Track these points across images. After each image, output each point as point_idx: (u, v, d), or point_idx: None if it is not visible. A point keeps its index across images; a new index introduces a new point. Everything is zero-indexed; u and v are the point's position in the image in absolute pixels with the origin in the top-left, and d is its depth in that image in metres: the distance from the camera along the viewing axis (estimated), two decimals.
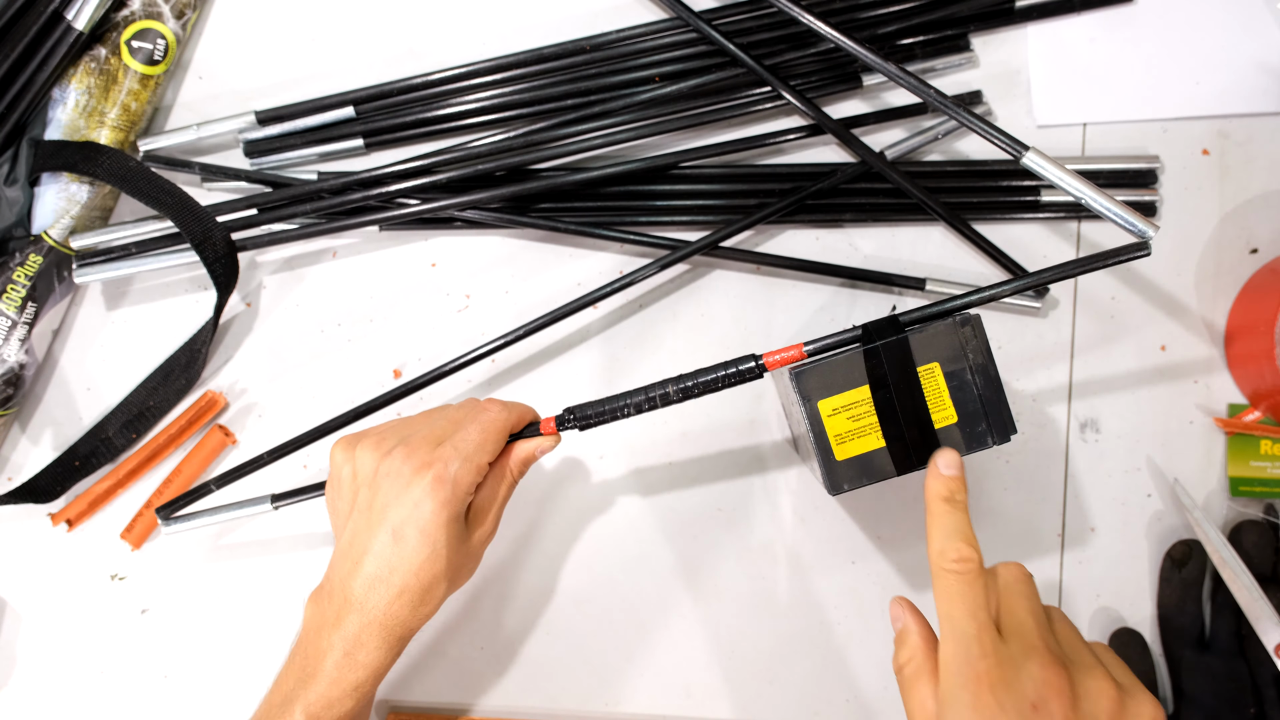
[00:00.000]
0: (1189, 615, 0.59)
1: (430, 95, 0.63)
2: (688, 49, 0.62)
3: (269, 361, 0.65)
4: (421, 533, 0.44)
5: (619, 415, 0.49)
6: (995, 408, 0.47)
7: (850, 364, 0.47)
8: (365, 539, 0.45)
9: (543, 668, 0.63)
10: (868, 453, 0.48)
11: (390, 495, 0.45)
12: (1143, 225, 0.48)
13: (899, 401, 0.47)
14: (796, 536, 0.63)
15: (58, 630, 0.65)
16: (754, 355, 0.48)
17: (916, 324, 0.47)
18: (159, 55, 0.61)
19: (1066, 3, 0.61)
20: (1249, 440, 0.61)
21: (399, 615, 0.45)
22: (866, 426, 0.47)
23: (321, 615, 0.46)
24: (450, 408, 0.49)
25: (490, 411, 0.48)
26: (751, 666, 0.63)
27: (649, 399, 0.48)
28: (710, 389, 0.48)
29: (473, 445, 0.46)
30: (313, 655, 0.45)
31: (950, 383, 0.47)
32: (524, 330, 0.59)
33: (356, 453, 0.47)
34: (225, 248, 0.60)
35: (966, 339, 0.47)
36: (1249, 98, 0.61)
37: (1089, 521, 0.62)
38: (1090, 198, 0.49)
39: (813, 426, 0.47)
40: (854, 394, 0.47)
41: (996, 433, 0.47)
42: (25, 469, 0.64)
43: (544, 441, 0.49)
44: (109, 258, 0.62)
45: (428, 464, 0.45)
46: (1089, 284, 0.62)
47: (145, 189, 0.59)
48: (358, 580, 0.45)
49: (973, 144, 0.62)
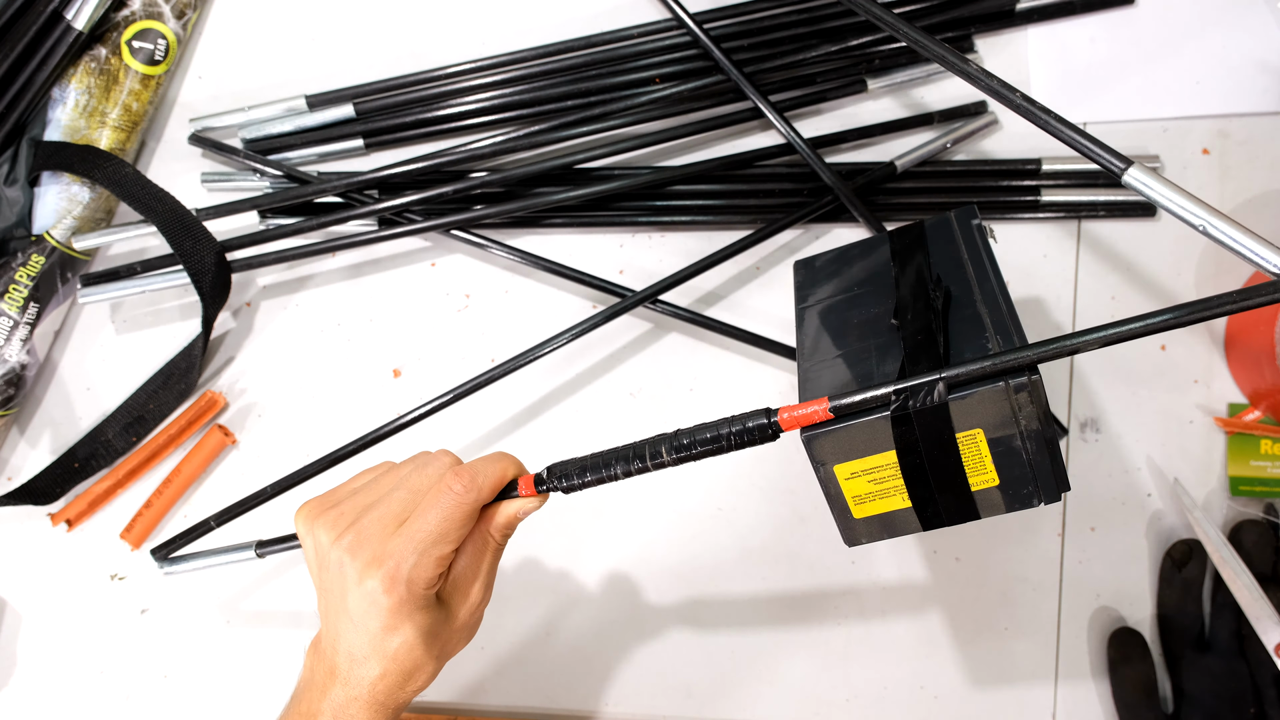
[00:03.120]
0: (1189, 615, 0.59)
1: (431, 95, 0.63)
2: (689, 50, 0.62)
3: (269, 361, 0.65)
4: (385, 628, 0.41)
5: (606, 479, 0.43)
6: (1046, 469, 0.40)
7: (873, 428, 0.40)
8: (335, 621, 0.43)
9: (543, 668, 0.63)
10: (890, 511, 0.42)
11: (347, 587, 0.41)
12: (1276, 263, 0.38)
13: (931, 471, 0.40)
14: (796, 537, 0.63)
15: (58, 630, 0.65)
16: (768, 410, 0.41)
17: (963, 386, 0.39)
18: (160, 55, 0.61)
19: (1068, 5, 0.61)
20: (1249, 440, 0.61)
21: (385, 693, 0.43)
22: (890, 489, 0.41)
23: (314, 673, 0.44)
24: (416, 470, 0.44)
25: (454, 493, 0.42)
26: (751, 666, 0.63)
27: (639, 460, 0.42)
28: (710, 451, 0.41)
29: (430, 536, 0.41)
30: (304, 715, 0.44)
31: (995, 449, 0.40)
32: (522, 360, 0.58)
33: (315, 529, 0.43)
34: (214, 261, 0.59)
35: (1020, 405, 0.38)
36: (1249, 97, 0.61)
37: (1089, 521, 0.62)
38: (1214, 227, 0.40)
39: (828, 490, 0.42)
40: (876, 459, 0.41)
41: (1045, 493, 0.41)
42: (24, 470, 0.64)
43: (526, 504, 0.44)
44: (113, 278, 0.61)
45: (378, 560, 0.41)
46: (1088, 284, 0.62)
47: (138, 196, 0.59)
48: (340, 655, 0.43)
49: (973, 142, 0.62)
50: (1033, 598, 0.62)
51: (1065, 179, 0.61)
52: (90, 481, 0.64)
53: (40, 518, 0.64)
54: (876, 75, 0.61)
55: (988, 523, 0.62)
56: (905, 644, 0.62)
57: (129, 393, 0.63)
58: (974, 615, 0.62)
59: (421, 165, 0.61)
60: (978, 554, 0.62)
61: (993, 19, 0.62)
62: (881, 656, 0.62)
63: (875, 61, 0.62)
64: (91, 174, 0.59)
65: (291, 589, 0.64)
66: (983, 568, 0.62)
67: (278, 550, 0.56)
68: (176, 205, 0.59)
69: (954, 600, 0.62)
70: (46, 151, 0.60)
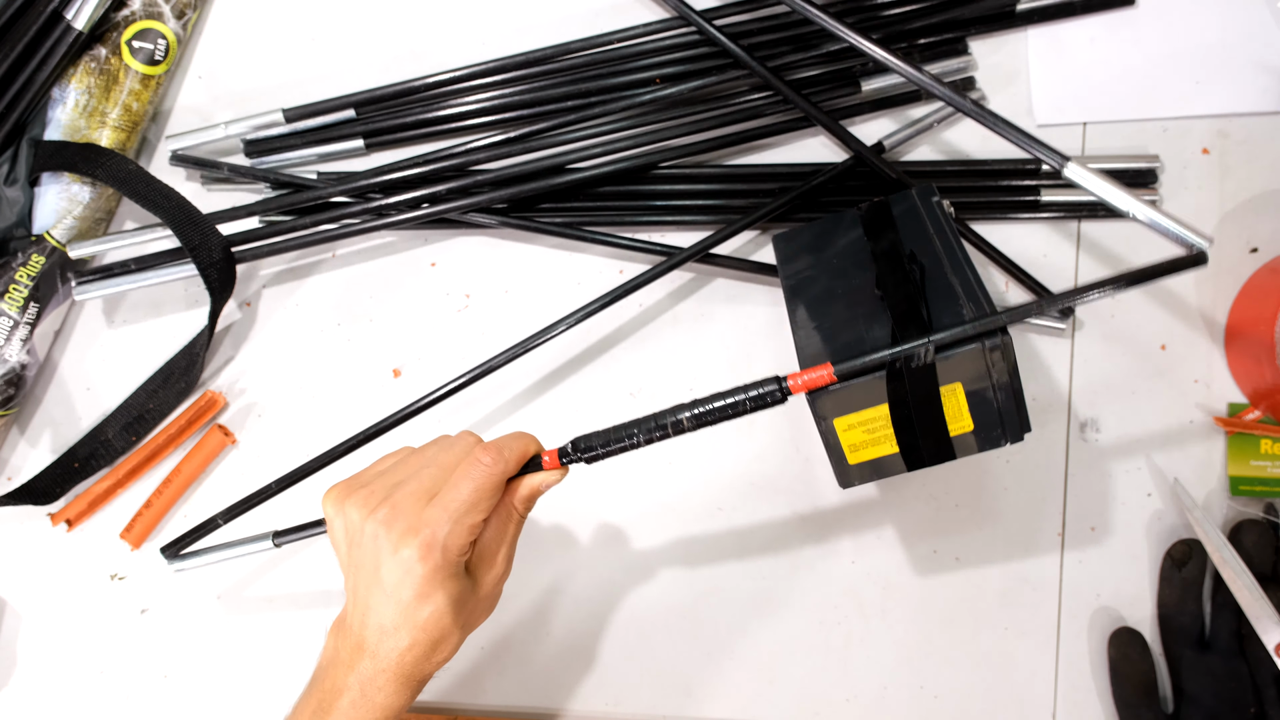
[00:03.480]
0: (1189, 615, 0.59)
1: (431, 96, 0.63)
2: (689, 50, 0.62)
3: (269, 361, 0.65)
4: (418, 595, 0.43)
5: (628, 447, 0.46)
6: (1012, 415, 0.47)
7: (869, 387, 0.46)
8: (365, 595, 0.44)
9: (543, 668, 0.63)
10: (880, 457, 0.49)
11: (381, 558, 0.43)
12: (1196, 239, 0.46)
13: (918, 420, 0.47)
14: (796, 536, 0.63)
15: (58, 630, 0.65)
16: (778, 378, 0.45)
17: (948, 348, 0.45)
18: (160, 55, 0.61)
19: (1068, 5, 0.61)
20: (1249, 440, 0.61)
21: (413, 664, 0.44)
22: (881, 438, 0.48)
23: (338, 651, 0.45)
24: (443, 450, 0.46)
25: (483, 464, 0.45)
26: (751, 666, 0.63)
27: (660, 428, 0.45)
28: (727, 416, 0.45)
29: (464, 505, 0.44)
30: (329, 691, 0.45)
31: (971, 400, 0.47)
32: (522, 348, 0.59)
33: (345, 508, 0.45)
34: (221, 254, 0.60)
35: (994, 362, 0.45)
36: (1249, 97, 0.61)
37: (1089, 521, 0.62)
38: (1139, 210, 0.47)
39: (827, 440, 0.48)
40: (870, 412, 0.47)
41: (1010, 435, 0.48)
42: (25, 470, 0.64)
43: (549, 476, 0.47)
44: (108, 274, 0.61)
45: (414, 529, 0.43)
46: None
47: (143, 192, 0.59)
48: (369, 629, 0.44)
49: (973, 143, 0.62)
50: (1033, 598, 0.62)
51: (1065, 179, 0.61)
52: (90, 481, 0.64)
53: (40, 518, 0.64)
54: (870, 77, 0.61)
55: (988, 523, 0.62)
56: (905, 644, 0.62)
57: (129, 392, 0.63)
58: (974, 615, 0.62)
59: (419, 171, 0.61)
60: (978, 554, 0.62)
61: (992, 20, 0.61)
62: (881, 656, 0.62)
63: (869, 64, 0.62)
64: (94, 172, 0.59)
65: (291, 589, 0.64)
66: (983, 568, 0.62)
67: (296, 539, 0.56)
68: (182, 200, 0.59)
69: (954, 600, 0.62)
70: (47, 151, 0.60)
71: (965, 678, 0.62)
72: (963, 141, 0.62)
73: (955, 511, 0.62)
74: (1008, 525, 0.62)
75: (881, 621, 0.62)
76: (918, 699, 0.62)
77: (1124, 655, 0.60)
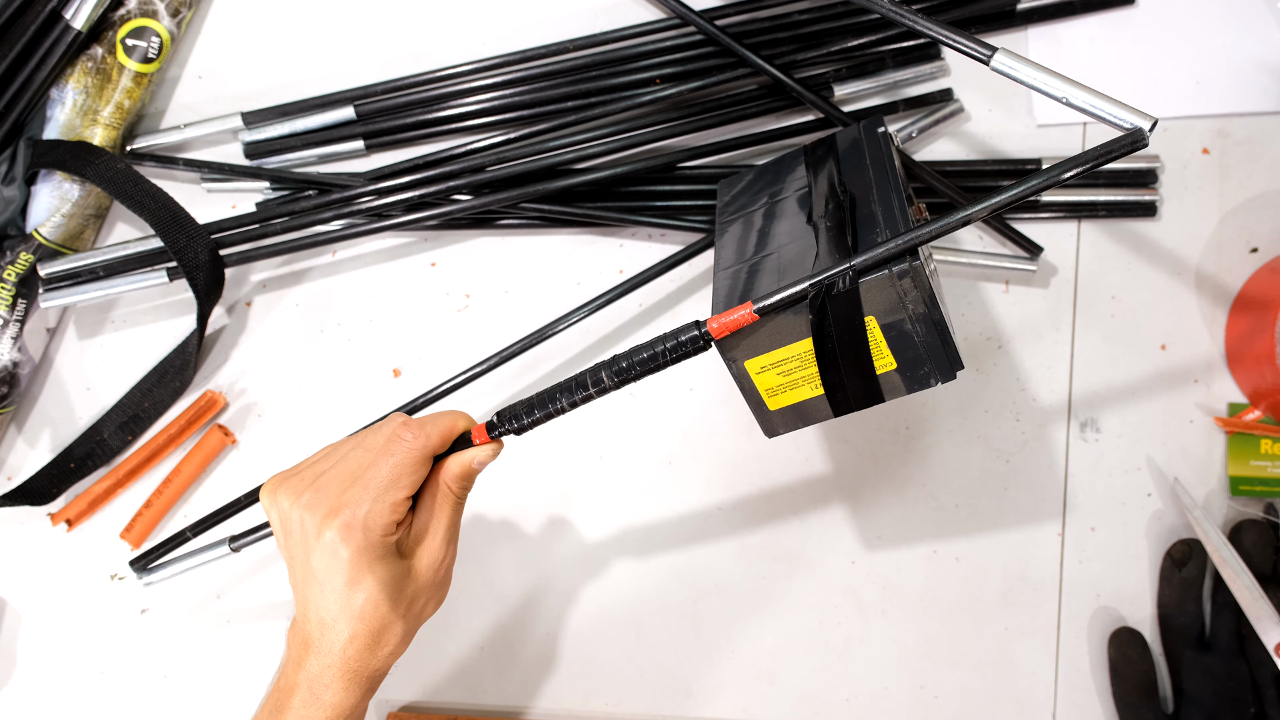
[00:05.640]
0: (1189, 615, 0.59)
1: (431, 96, 0.63)
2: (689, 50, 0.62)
3: (268, 361, 0.65)
4: (349, 582, 0.42)
5: (554, 412, 0.44)
6: (937, 350, 0.43)
7: (782, 324, 0.43)
8: (304, 588, 0.44)
9: (543, 668, 0.63)
10: (801, 401, 0.46)
11: (309, 544, 0.43)
12: (1136, 119, 0.42)
13: (842, 355, 0.44)
14: (796, 536, 0.63)
15: (58, 630, 0.65)
16: (697, 322, 0.42)
17: (869, 272, 0.42)
18: (153, 53, 0.61)
19: (1068, 5, 0.61)
20: (1249, 439, 0.61)
21: (356, 658, 0.43)
22: (799, 379, 0.45)
23: (290, 648, 0.45)
24: (370, 433, 0.46)
25: (404, 440, 0.44)
26: (751, 666, 0.63)
27: (581, 387, 0.43)
28: (650, 368, 0.43)
29: (384, 482, 0.43)
30: (283, 690, 0.44)
31: (888, 334, 0.43)
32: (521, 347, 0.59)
33: (277, 498, 0.45)
34: (208, 257, 0.59)
35: (905, 291, 0.42)
36: (1249, 97, 0.61)
37: (1089, 521, 0.62)
38: (1074, 96, 0.44)
39: (742, 384, 0.45)
40: (783, 352, 0.44)
41: (940, 373, 0.44)
42: (23, 470, 0.64)
43: (479, 452, 0.45)
44: (76, 281, 0.60)
45: (335, 510, 0.42)
46: (1089, 283, 0.62)
47: (130, 193, 0.59)
48: (311, 624, 0.44)
49: (973, 143, 0.62)
50: (1033, 598, 0.62)
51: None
52: (90, 481, 0.64)
53: (40, 518, 0.64)
54: (843, 82, 0.61)
55: (988, 523, 0.62)
56: (905, 644, 0.62)
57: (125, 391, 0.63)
58: (974, 615, 0.62)
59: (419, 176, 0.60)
60: (978, 554, 0.62)
61: (993, 19, 0.61)
62: (881, 656, 0.62)
63: (841, 71, 0.61)
64: (83, 171, 0.59)
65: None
66: (983, 568, 0.62)
67: (251, 541, 0.55)
68: (169, 201, 0.59)
69: (954, 600, 0.62)
70: (41, 149, 0.59)
71: (965, 678, 0.62)
72: (963, 141, 0.62)
73: (955, 511, 0.62)
74: (1008, 526, 0.62)
75: (881, 621, 0.62)
76: (918, 699, 0.62)
77: (1124, 655, 0.60)
